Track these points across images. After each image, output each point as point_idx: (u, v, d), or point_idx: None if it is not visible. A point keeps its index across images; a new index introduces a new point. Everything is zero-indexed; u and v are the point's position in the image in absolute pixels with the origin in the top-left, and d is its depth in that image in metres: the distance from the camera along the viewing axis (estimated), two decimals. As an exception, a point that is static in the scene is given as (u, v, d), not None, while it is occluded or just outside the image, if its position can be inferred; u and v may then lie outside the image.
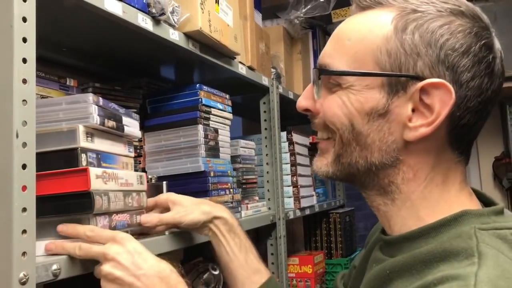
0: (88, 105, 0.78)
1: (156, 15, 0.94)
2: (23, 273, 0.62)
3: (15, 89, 0.64)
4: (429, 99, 0.59)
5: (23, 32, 0.65)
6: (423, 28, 0.60)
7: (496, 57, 0.61)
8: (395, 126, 0.61)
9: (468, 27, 0.60)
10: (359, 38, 0.63)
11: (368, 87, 0.62)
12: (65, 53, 1.12)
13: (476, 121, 0.62)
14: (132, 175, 0.89)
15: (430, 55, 0.59)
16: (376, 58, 0.61)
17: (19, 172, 0.63)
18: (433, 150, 0.62)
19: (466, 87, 0.59)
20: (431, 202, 0.62)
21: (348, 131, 0.63)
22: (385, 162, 0.62)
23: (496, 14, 1.88)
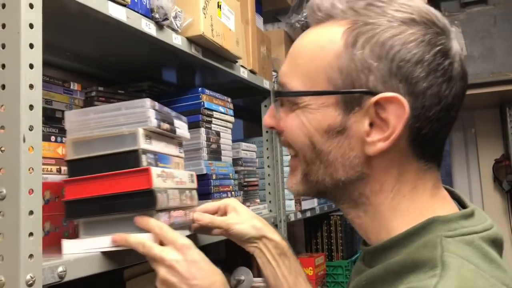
0: (146, 110, 0.83)
1: (159, 20, 0.95)
2: (30, 275, 0.63)
3: (22, 94, 0.65)
4: (384, 113, 0.58)
5: (30, 38, 0.67)
6: (373, 41, 0.58)
7: (453, 62, 0.59)
8: (354, 141, 0.61)
9: (420, 35, 0.58)
10: (311, 56, 0.62)
11: (324, 105, 0.61)
12: (69, 58, 1.14)
13: (440, 129, 0.61)
14: (184, 174, 0.94)
15: (382, 69, 0.58)
16: (329, 76, 0.60)
17: (26, 176, 0.64)
18: (396, 162, 0.61)
19: (423, 98, 0.58)
20: (401, 213, 0.62)
21: (309, 150, 0.63)
22: (350, 177, 0.62)
23: (496, 18, 1.89)
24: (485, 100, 2.15)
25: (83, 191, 0.80)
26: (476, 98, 2.06)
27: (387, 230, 0.62)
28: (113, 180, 0.79)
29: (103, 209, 0.79)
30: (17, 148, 0.64)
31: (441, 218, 0.59)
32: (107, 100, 1.12)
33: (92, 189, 0.79)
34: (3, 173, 0.64)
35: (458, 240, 0.56)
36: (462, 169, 2.47)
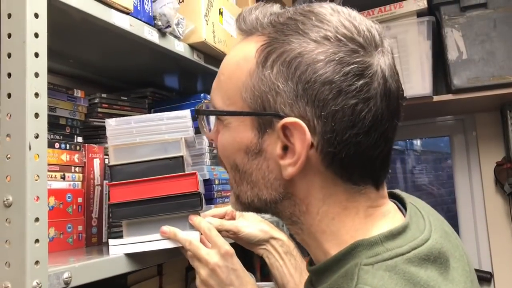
0: (187, 120, 0.91)
1: (162, 28, 0.96)
2: (36, 281, 0.64)
3: (28, 103, 0.66)
4: (292, 138, 0.56)
5: (35, 48, 0.68)
6: (281, 60, 0.56)
7: (372, 81, 0.55)
8: (272, 164, 0.59)
9: (330, 54, 0.54)
10: (230, 73, 0.61)
11: (241, 125, 0.60)
12: (72, 65, 1.15)
13: (362, 151, 0.56)
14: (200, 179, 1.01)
15: (288, 91, 0.55)
16: (242, 96, 0.59)
17: (32, 183, 0.65)
18: (317, 184, 0.58)
19: (333, 121, 0.54)
20: (332, 235, 0.59)
21: (235, 170, 0.63)
22: (275, 198, 0.61)
23: (496, 21, 1.90)
24: (486, 103, 2.15)
25: (129, 194, 0.86)
26: (477, 101, 2.06)
27: (323, 252, 0.60)
28: (161, 183, 0.86)
29: (151, 211, 0.86)
30: (23, 155, 0.65)
31: (364, 241, 0.55)
32: (110, 106, 1.13)
33: (139, 192, 0.85)
34: (9, 181, 0.65)
35: (377, 267, 0.52)
36: (463, 172, 2.47)
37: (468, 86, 1.92)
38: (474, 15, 1.91)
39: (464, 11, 1.93)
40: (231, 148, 0.62)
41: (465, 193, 2.46)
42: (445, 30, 1.95)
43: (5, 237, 0.64)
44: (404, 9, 1.96)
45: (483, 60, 1.90)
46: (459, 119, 2.49)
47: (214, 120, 0.66)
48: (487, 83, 1.90)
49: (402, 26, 1.98)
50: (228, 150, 0.63)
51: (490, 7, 1.90)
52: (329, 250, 0.59)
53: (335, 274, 0.56)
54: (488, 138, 2.38)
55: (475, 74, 1.91)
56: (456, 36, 1.93)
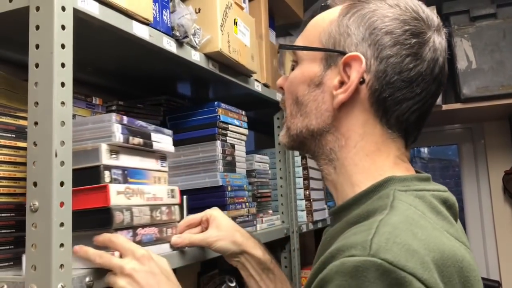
0: (111, 124, 0.82)
1: (179, 38, 0.99)
2: (61, 284, 0.66)
3: (54, 111, 0.68)
4: (349, 70, 0.67)
5: (62, 58, 0.70)
6: (359, 13, 0.69)
7: (424, 44, 0.67)
8: (327, 96, 0.70)
9: (397, 14, 0.68)
10: (314, 24, 0.75)
11: (311, 60, 0.72)
12: (89, 72, 1.17)
13: (401, 100, 0.67)
14: (162, 189, 0.93)
15: (357, 34, 0.68)
16: (320, 38, 0.71)
17: (57, 189, 0.67)
18: (359, 120, 0.69)
19: (386, 63, 0.66)
20: (362, 169, 0.69)
21: (294, 103, 0.73)
22: (322, 129, 0.71)
23: (505, 31, 1.91)
24: (494, 112, 2.16)
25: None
26: (486, 110, 2.07)
27: (350, 185, 0.69)
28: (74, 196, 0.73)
29: None
30: (49, 162, 0.67)
31: (397, 177, 0.66)
32: (126, 113, 1.16)
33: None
34: (35, 187, 0.67)
35: (409, 193, 0.63)
36: (471, 180, 2.47)
37: (477, 95, 1.93)
38: (484, 25, 1.93)
39: (473, 21, 1.94)
40: (297, 81, 0.73)
41: (473, 201, 2.47)
42: (455, 39, 1.97)
43: (31, 241, 0.66)
44: (414, 19, 1.98)
45: (492, 70, 1.92)
46: (467, 128, 2.50)
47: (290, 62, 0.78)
48: (496, 92, 1.91)
49: (411, 36, 2.00)
50: (294, 84, 0.73)
51: (499, 17, 1.92)
52: (357, 183, 0.68)
53: (367, 201, 0.65)
54: (497, 147, 2.39)
55: (484, 83, 1.93)
56: (466, 46, 1.94)
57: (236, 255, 0.94)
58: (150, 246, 0.86)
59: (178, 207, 0.96)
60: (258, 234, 1.34)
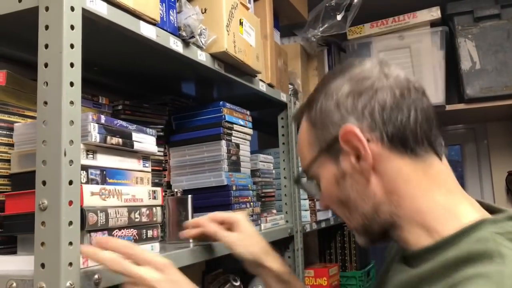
0: (87, 124, 0.80)
1: (186, 38, 0.99)
2: (69, 282, 0.66)
3: (64, 111, 0.69)
4: (350, 143, 0.68)
5: (71, 58, 0.71)
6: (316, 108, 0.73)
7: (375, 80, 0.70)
8: (355, 176, 0.70)
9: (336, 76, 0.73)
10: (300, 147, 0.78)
11: (322, 167, 0.74)
12: (96, 72, 1.18)
13: (402, 121, 0.68)
14: (142, 190, 0.91)
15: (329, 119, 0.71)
16: (312, 149, 0.74)
17: (66, 188, 0.68)
18: (392, 170, 0.68)
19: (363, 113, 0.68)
20: (429, 214, 0.68)
21: (341, 205, 0.74)
22: (373, 205, 0.70)
23: (509, 32, 1.91)
24: (498, 113, 2.16)
25: (22, 206, 0.76)
26: (489, 111, 2.07)
27: (426, 231, 0.68)
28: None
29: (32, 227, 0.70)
30: (58, 161, 0.68)
31: (488, 219, 0.65)
32: (132, 113, 1.16)
33: (29, 205, 0.72)
34: (44, 185, 0.68)
35: (506, 237, 0.62)
36: (474, 181, 2.48)
37: (481, 96, 1.93)
38: (488, 25, 1.93)
39: (477, 21, 1.95)
40: (329, 190, 0.74)
41: (476, 202, 2.46)
42: (459, 40, 1.97)
43: (40, 240, 0.67)
44: (418, 19, 1.99)
45: (496, 70, 1.92)
46: (471, 128, 2.50)
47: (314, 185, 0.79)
48: (500, 93, 1.91)
49: (415, 36, 2.00)
50: (329, 193, 0.75)
51: (503, 17, 1.92)
52: (436, 228, 0.66)
53: (457, 245, 0.63)
54: (500, 147, 2.39)
55: (488, 84, 1.93)
56: (470, 46, 1.95)
57: (253, 265, 0.98)
58: None
59: (160, 209, 0.94)
60: (262, 233, 1.34)
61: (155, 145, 0.98)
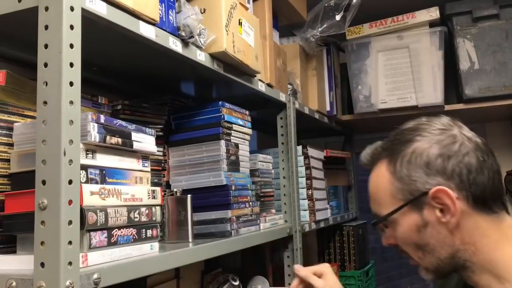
0: (86, 123, 0.81)
1: (185, 38, 0.99)
2: (69, 281, 0.66)
3: (63, 111, 0.69)
4: (440, 200, 0.80)
5: (70, 58, 0.71)
6: (403, 163, 0.83)
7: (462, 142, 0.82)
8: (437, 227, 0.82)
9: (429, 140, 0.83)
10: (378, 191, 0.88)
11: (405, 215, 0.84)
12: (95, 72, 1.18)
13: (483, 183, 0.80)
14: (142, 190, 0.91)
15: (419, 176, 0.81)
16: (394, 197, 0.84)
17: (66, 187, 0.68)
18: (472, 224, 0.81)
19: (455, 176, 0.80)
20: (501, 262, 0.80)
21: (416, 249, 0.85)
22: (451, 252, 0.82)
23: (508, 32, 1.92)
24: (497, 113, 2.17)
25: (21, 206, 0.77)
26: (488, 111, 2.08)
27: (496, 278, 0.80)
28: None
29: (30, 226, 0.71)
30: (58, 161, 0.68)
31: None
32: (132, 113, 1.16)
33: (29, 204, 0.73)
34: (44, 185, 0.68)
35: None
36: (473, 181, 2.48)
37: (480, 96, 1.94)
38: (486, 25, 1.94)
39: (476, 21, 1.95)
40: (406, 235, 0.85)
41: (475, 201, 2.47)
42: (457, 40, 1.97)
43: (40, 239, 0.67)
44: (417, 19, 1.99)
45: (495, 70, 1.92)
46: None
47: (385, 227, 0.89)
48: (498, 93, 1.92)
49: (414, 36, 2.01)
50: (406, 238, 0.85)
51: (502, 18, 1.92)
52: (504, 274, 0.79)
53: None
54: (499, 147, 2.39)
55: (486, 84, 1.93)
56: (468, 47, 1.95)
57: None
58: (128, 246, 0.85)
59: (159, 208, 0.95)
60: (261, 233, 1.35)
61: (155, 145, 0.98)
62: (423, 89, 1.99)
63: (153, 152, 0.98)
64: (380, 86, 2.08)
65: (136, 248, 0.87)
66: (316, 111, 1.94)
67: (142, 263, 0.84)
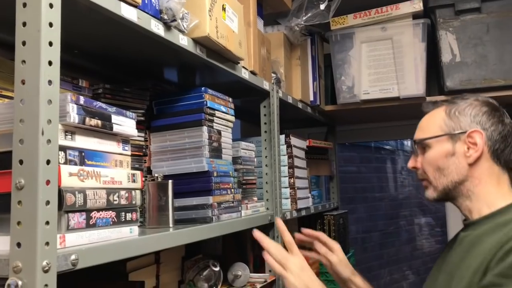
0: (66, 104, 0.80)
1: (167, 21, 0.99)
2: (46, 261, 0.66)
3: (42, 90, 0.68)
4: (472, 140, 1.08)
5: (50, 37, 0.70)
6: (459, 109, 1.12)
7: (503, 115, 1.12)
8: (460, 158, 1.09)
9: (482, 103, 1.12)
10: (430, 122, 1.16)
11: (440, 143, 1.12)
12: (76, 55, 1.17)
13: (504, 148, 1.09)
14: (122, 173, 0.91)
15: (466, 120, 1.10)
16: (441, 128, 1.12)
17: (43, 167, 0.67)
18: (485, 165, 1.08)
19: (490, 130, 1.09)
20: (493, 195, 1.08)
21: (437, 171, 1.11)
22: (462, 179, 1.09)
23: (489, 26, 1.94)
24: (477, 106, 2.19)
25: None
26: (468, 104, 2.10)
27: (486, 206, 1.07)
28: None
29: None
30: (35, 140, 0.67)
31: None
32: (113, 97, 1.15)
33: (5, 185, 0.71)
34: (21, 164, 0.67)
35: None
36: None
37: (460, 88, 1.96)
38: (468, 19, 1.96)
39: (458, 14, 1.97)
40: (435, 157, 1.12)
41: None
42: (440, 32, 1.99)
43: (16, 219, 0.66)
44: (401, 11, 2.00)
45: (476, 63, 1.95)
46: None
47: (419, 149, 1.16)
48: (478, 85, 1.95)
49: (398, 28, 2.02)
50: (433, 160, 1.12)
51: (483, 11, 1.94)
52: (493, 204, 1.06)
53: (507, 214, 1.03)
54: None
55: (467, 76, 1.96)
56: (450, 39, 1.97)
57: (344, 280, 1.33)
58: (107, 229, 0.85)
59: (139, 192, 0.94)
60: (242, 220, 1.35)
61: (135, 128, 0.97)
62: (405, 80, 2.01)
63: (133, 135, 0.97)
64: (363, 77, 2.09)
65: (115, 231, 0.87)
66: (300, 101, 1.95)
67: (121, 246, 0.84)
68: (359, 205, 4.78)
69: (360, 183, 4.84)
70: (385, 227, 5.14)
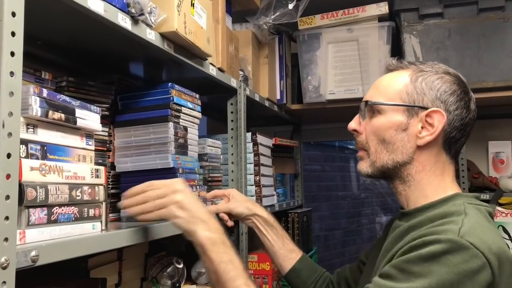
0: (28, 96, 0.78)
1: (135, 15, 0.97)
2: (4, 258, 0.64)
3: (3, 82, 0.66)
4: (431, 120, 0.97)
5: (12, 27, 0.68)
6: (426, 80, 0.99)
7: (470, 100, 1.00)
8: (411, 137, 0.98)
9: (454, 80, 1.00)
10: (388, 84, 1.03)
11: (395, 112, 1.00)
12: (40, 46, 1.14)
13: (460, 137, 1.00)
14: (85, 168, 0.89)
15: (431, 95, 0.98)
16: (400, 96, 1.00)
17: (4, 161, 0.65)
18: (434, 151, 0.99)
19: (453, 114, 0.97)
20: (433, 186, 0.99)
21: (381, 143, 1.01)
22: (405, 161, 0.99)
23: (450, 31, 2.00)
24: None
25: None
26: (430, 106, 2.16)
27: (424, 197, 0.99)
28: None
29: None
30: (-4, 133, 0.65)
31: (462, 194, 1.00)
32: (76, 90, 1.13)
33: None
34: (-20, 158, 0.65)
35: (472, 206, 0.94)
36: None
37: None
38: (431, 23, 2.02)
39: (422, 19, 2.02)
40: (384, 127, 1.00)
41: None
42: (404, 35, 2.04)
43: (-26, 213, 0.64)
44: (367, 13, 2.04)
45: (437, 67, 2.01)
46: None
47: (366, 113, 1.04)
48: (439, 88, 2.00)
49: (363, 30, 2.06)
50: (380, 130, 1.00)
51: (446, 17, 2.01)
52: (429, 196, 0.98)
53: (440, 208, 0.95)
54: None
55: (429, 79, 2.01)
56: (414, 42, 2.02)
57: (249, 217, 1.32)
58: (69, 225, 0.83)
59: (102, 188, 0.93)
60: (207, 217, 1.35)
61: (99, 123, 0.96)
62: (370, 81, 2.05)
63: (97, 130, 0.95)
64: (329, 77, 2.12)
65: (77, 227, 0.85)
66: (267, 99, 1.96)
67: (83, 242, 0.82)
68: (323, 203, 4.85)
69: (324, 182, 4.91)
70: (347, 225, 5.23)
